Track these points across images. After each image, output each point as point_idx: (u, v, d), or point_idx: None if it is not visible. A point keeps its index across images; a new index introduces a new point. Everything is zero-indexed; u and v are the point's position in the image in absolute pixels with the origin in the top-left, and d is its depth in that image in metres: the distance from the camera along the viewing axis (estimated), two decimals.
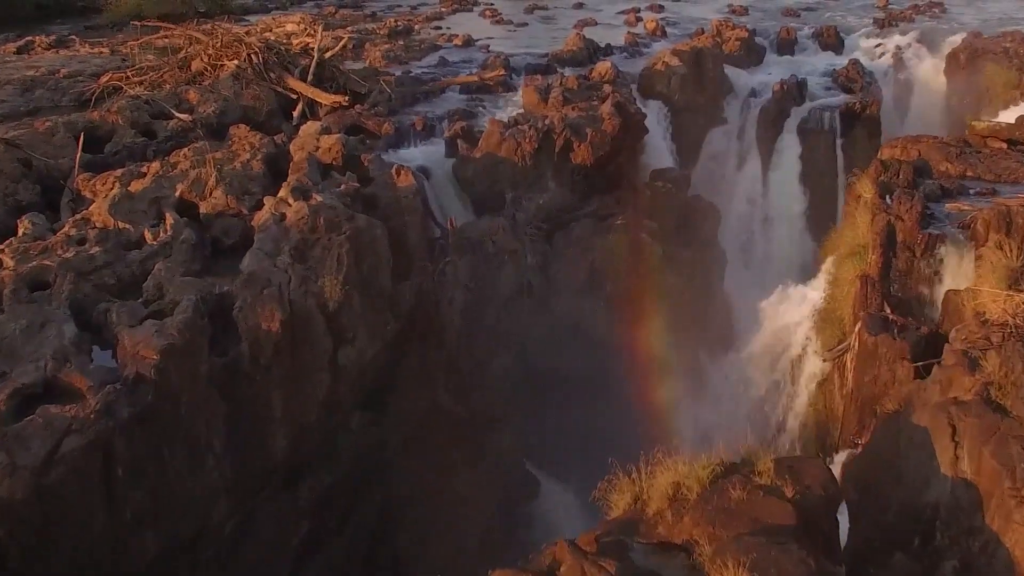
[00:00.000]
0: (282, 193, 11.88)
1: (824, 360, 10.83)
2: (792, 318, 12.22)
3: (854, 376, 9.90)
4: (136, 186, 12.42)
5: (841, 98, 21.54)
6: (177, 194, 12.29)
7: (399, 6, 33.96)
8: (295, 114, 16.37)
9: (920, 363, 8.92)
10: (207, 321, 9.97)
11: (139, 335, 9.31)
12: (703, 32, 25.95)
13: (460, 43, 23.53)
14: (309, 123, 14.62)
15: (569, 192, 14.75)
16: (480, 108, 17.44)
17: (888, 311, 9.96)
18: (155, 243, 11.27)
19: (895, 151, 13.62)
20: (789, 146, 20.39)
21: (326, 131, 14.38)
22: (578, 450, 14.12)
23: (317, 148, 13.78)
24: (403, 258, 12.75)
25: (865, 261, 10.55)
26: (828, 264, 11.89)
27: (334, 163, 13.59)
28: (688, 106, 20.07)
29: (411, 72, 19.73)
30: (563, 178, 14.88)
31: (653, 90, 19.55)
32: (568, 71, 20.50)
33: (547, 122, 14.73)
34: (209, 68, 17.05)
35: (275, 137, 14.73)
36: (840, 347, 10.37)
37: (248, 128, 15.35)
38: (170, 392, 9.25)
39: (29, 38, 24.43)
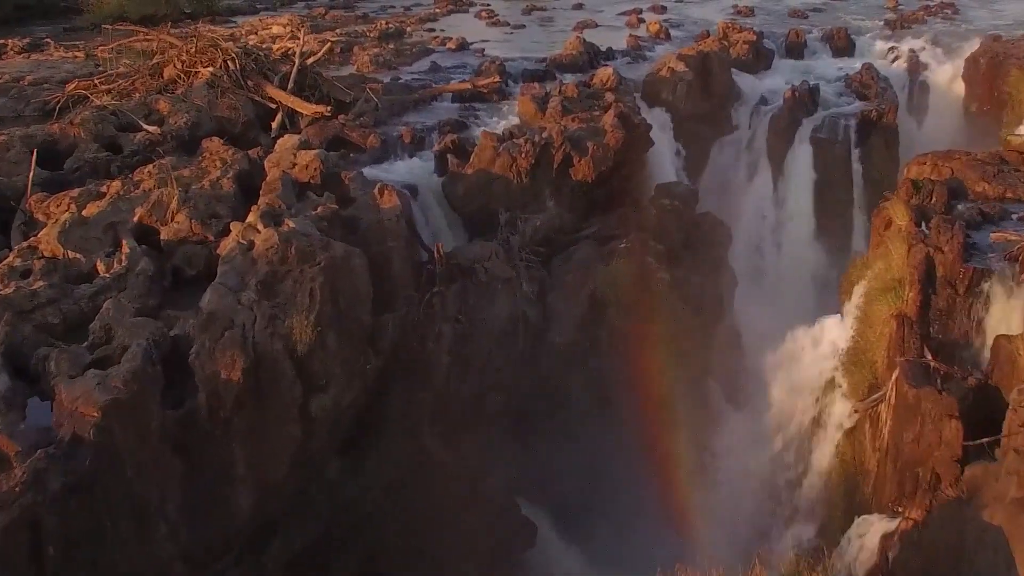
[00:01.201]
0: (250, 218, 10.72)
1: (855, 411, 9.69)
2: (815, 357, 11.07)
3: (891, 432, 8.76)
4: (91, 209, 11.26)
5: (856, 105, 20.40)
6: (135, 218, 11.14)
7: (392, 7, 32.77)
8: (274, 125, 15.20)
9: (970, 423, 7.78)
10: (160, 369, 8.82)
11: (78, 389, 8.15)
12: (708, 35, 24.84)
13: (454, 46, 22.36)
14: (286, 137, 13.46)
15: (568, 211, 13.59)
16: (473, 118, 16.27)
17: (929, 357, 8.81)
18: (108, 275, 10.11)
19: (924, 168, 12.47)
20: (801, 157, 19.25)
21: (304, 145, 13.22)
22: (579, 491, 13.02)
23: (293, 165, 12.62)
24: (386, 288, 11.58)
25: (900, 298, 9.40)
26: (855, 297, 10.73)
27: (311, 181, 12.44)
28: (694, 114, 18.93)
29: (400, 78, 18.57)
30: (562, 196, 13.73)
31: (658, 98, 18.41)
32: (568, 77, 19.34)
33: (545, 135, 13.57)
34: (182, 75, 15.86)
35: (250, 152, 13.59)
36: (874, 397, 9.23)
37: (221, 141, 14.19)
38: (114, 454, 8.10)
39: (2, 41, 23.25)
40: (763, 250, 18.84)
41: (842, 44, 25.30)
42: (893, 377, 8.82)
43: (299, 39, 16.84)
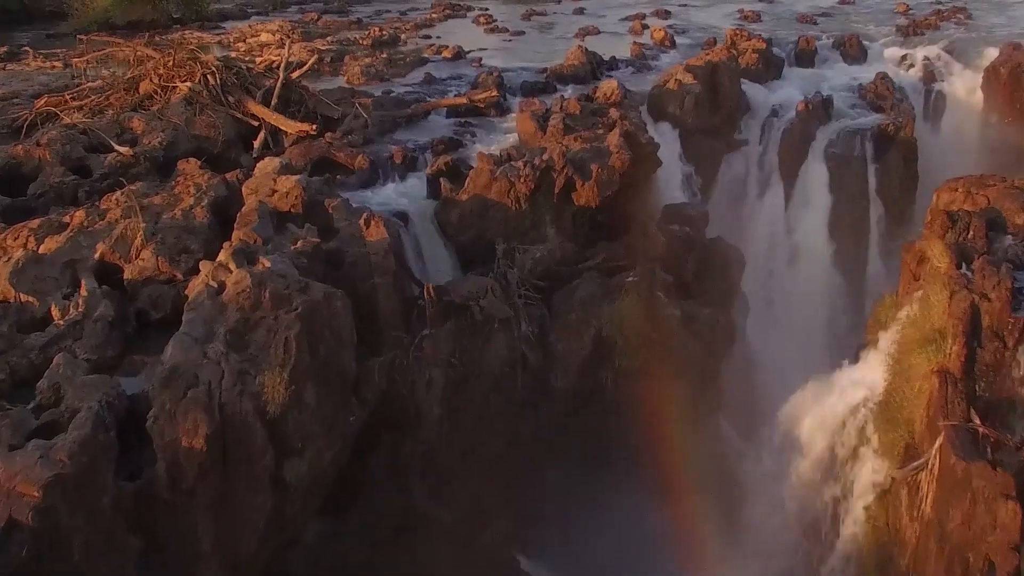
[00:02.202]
0: (221, 256, 9.75)
1: (893, 478, 8.73)
2: (841, 408, 10.10)
3: (934, 507, 7.81)
4: (50, 244, 10.30)
5: (871, 118, 19.40)
6: (97, 255, 10.17)
7: (387, 11, 31.82)
8: (256, 144, 14.23)
9: None
10: (114, 435, 7.86)
11: (18, 463, 7.19)
12: (715, 42, 23.88)
13: (449, 56, 21.37)
14: (266, 160, 12.48)
15: (570, 239, 12.60)
16: (469, 135, 15.30)
17: (977, 421, 7.84)
18: (63, 323, 9.14)
19: (956, 196, 11.47)
20: (815, 173, 18.24)
21: (286, 169, 12.24)
22: (582, 545, 12.05)
23: (273, 192, 11.65)
24: (372, 329, 10.64)
25: (942, 352, 8.44)
26: (886, 342, 9.76)
27: (292, 210, 11.46)
28: (702, 128, 17.94)
29: (393, 92, 17.57)
30: (564, 223, 12.75)
31: (664, 112, 17.42)
32: (569, 89, 18.39)
33: (545, 158, 12.59)
34: (159, 90, 14.88)
35: (228, 175, 12.62)
36: (914, 465, 8.26)
37: (199, 163, 13.24)
38: (58, 537, 7.14)
39: None
40: (775, 272, 17.84)
41: (854, 51, 24.33)
42: (937, 445, 7.86)
43: (284, 51, 15.82)
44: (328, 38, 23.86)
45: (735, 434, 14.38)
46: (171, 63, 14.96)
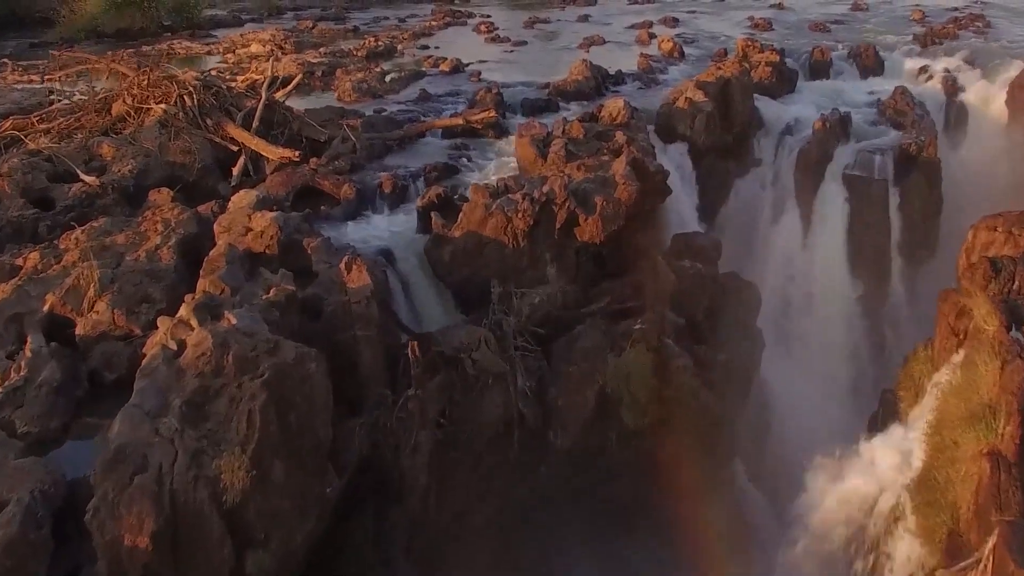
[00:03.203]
0: (182, 312, 8.74)
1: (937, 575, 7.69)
2: (873, 481, 9.06)
3: None
4: None
5: (892, 137, 18.33)
6: (46, 308, 9.18)
7: (386, 18, 30.86)
8: (235, 171, 13.24)
9: None
10: (48, 531, 6.87)
11: None
12: (726, 53, 22.88)
13: (447, 69, 20.37)
14: (241, 193, 11.48)
15: (572, 280, 11.58)
16: (465, 160, 14.30)
17: None
18: (1, 389, 8.16)
19: (996, 236, 10.44)
20: (833, 196, 17.18)
21: (262, 203, 11.24)
22: None
23: (247, 230, 10.65)
24: (352, 386, 9.64)
25: (992, 431, 7.40)
26: (923, 409, 8.72)
27: (267, 251, 10.47)
28: (714, 147, 16.92)
29: (385, 110, 16.58)
30: (565, 260, 11.73)
31: (674, 131, 16.38)
32: (573, 107, 17.41)
33: (545, 190, 11.57)
34: (132, 112, 13.90)
35: (201, 208, 11.65)
36: (962, 566, 7.22)
37: (171, 193, 12.29)
38: None
39: None
40: (791, 302, 16.79)
41: (870, 63, 23.32)
42: (990, 545, 6.83)
43: (268, 70, 14.83)
44: (321, 49, 22.89)
45: (751, 484, 13.40)
46: (145, 82, 13.98)
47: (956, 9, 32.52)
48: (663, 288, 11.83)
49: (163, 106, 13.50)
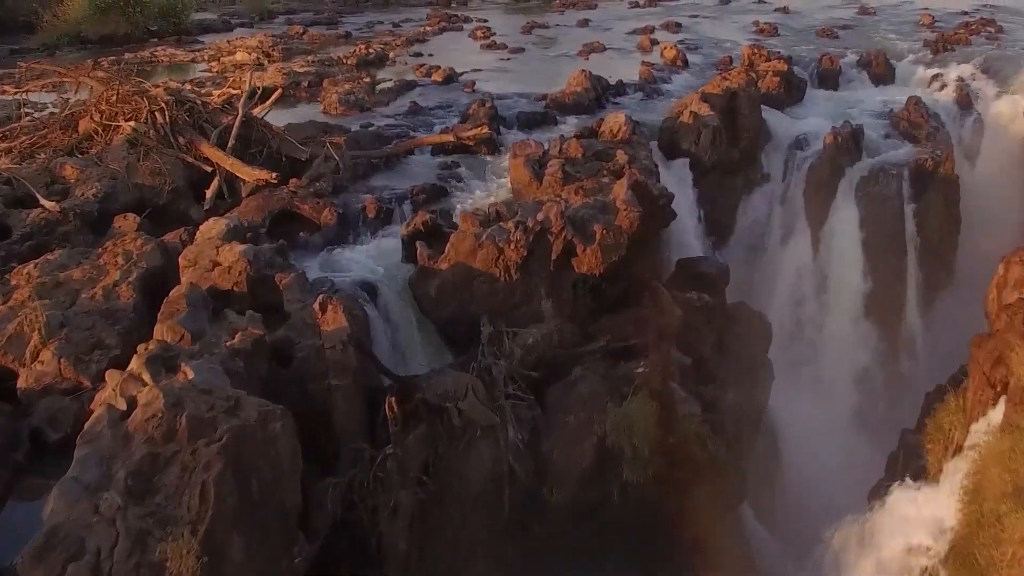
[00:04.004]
0: (134, 364, 7.83)
1: None
2: (901, 545, 8.18)
3: None
4: None
5: (906, 151, 17.46)
6: None
7: (380, 22, 29.97)
8: (208, 194, 12.35)
9: None
10: None
11: None
12: (731, 61, 22.03)
13: (440, 79, 19.47)
14: (210, 222, 10.58)
15: (568, 317, 10.69)
16: (455, 181, 13.42)
17: None
18: None
19: None
20: (846, 215, 16.31)
21: (232, 234, 10.34)
22: None
23: (214, 265, 9.76)
24: (326, 442, 8.76)
25: None
26: (960, 476, 7.83)
27: (235, 288, 9.58)
28: (720, 164, 16.03)
29: (372, 125, 15.68)
30: (561, 294, 10.83)
31: (678, 147, 15.52)
32: (571, 122, 16.51)
33: (540, 218, 10.67)
34: (100, 130, 13.00)
35: (167, 238, 10.77)
36: None
37: (137, 219, 11.41)
38: None
39: None
40: (802, 328, 15.91)
41: (881, 71, 22.47)
42: None
43: (246, 82, 13.93)
44: (309, 56, 21.98)
45: (762, 527, 12.52)
46: (115, 97, 13.07)
47: (966, 13, 31.68)
48: (668, 323, 10.94)
49: (132, 124, 12.59)
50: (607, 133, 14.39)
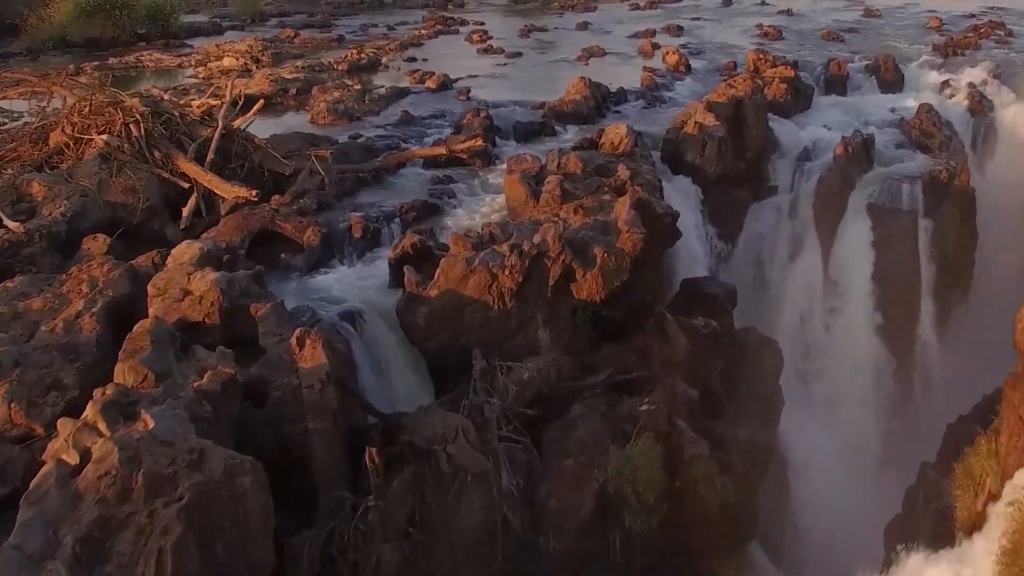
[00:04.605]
0: (89, 413, 7.12)
1: None
2: None
3: None
4: None
5: (920, 162, 16.74)
6: None
7: (374, 25, 29.24)
8: (184, 212, 11.63)
9: None
10: None
11: None
12: (736, 67, 21.30)
13: (434, 86, 18.74)
14: (183, 246, 9.87)
15: (567, 348, 9.99)
16: (447, 197, 12.71)
17: None
18: None
19: None
20: (857, 230, 15.60)
21: (206, 259, 9.63)
22: None
23: (184, 294, 9.04)
24: (304, 489, 8.06)
25: None
26: (997, 534, 7.13)
27: (207, 320, 8.87)
28: (725, 176, 15.31)
29: (361, 136, 14.96)
30: (559, 323, 10.13)
31: (682, 160, 14.81)
32: (570, 131, 15.81)
33: (537, 241, 9.97)
34: (71, 143, 12.28)
35: (138, 261, 10.06)
36: None
37: (107, 241, 10.70)
38: None
39: None
40: (811, 349, 15.20)
41: (890, 76, 21.74)
42: None
43: (226, 94, 13.21)
44: (300, 62, 21.25)
45: (773, 565, 11.84)
46: (87, 109, 12.35)
47: (973, 16, 30.99)
48: (674, 353, 10.24)
49: (104, 137, 11.86)
50: (608, 145, 13.68)
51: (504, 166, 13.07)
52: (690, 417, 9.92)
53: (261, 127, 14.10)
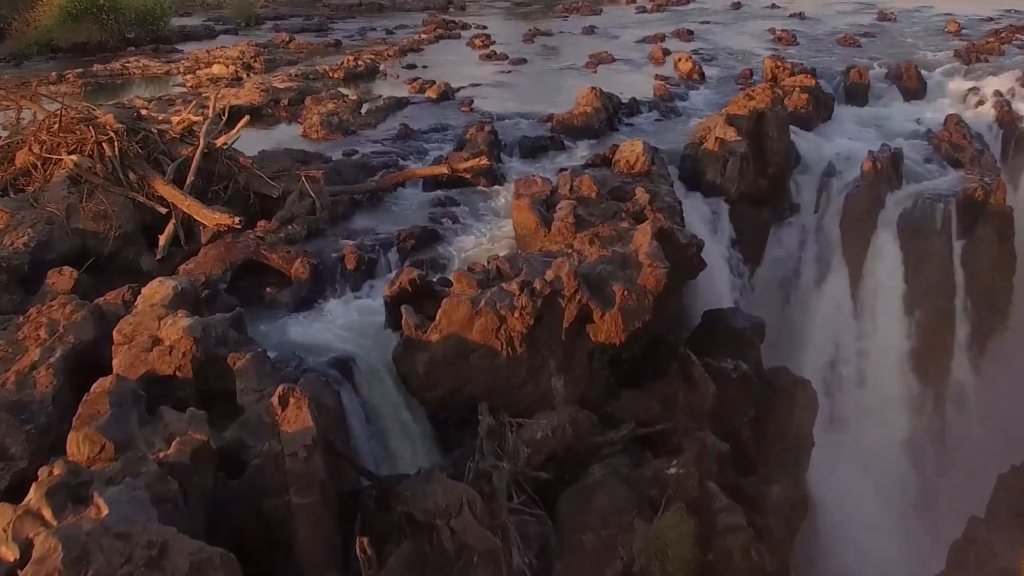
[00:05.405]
0: (32, 498, 6.08)
1: None
2: None
3: None
4: None
5: (951, 178, 15.75)
6: None
7: (372, 29, 28.21)
8: (161, 240, 10.60)
9: None
10: None
11: None
12: (752, 75, 20.29)
13: (434, 96, 17.70)
14: (155, 284, 8.83)
15: (582, 400, 8.96)
16: (449, 222, 11.67)
17: None
18: None
19: None
20: (887, 252, 14.60)
21: (180, 299, 8.61)
22: None
23: (154, 342, 8.01)
24: (287, 574, 7.02)
25: None
26: None
27: (178, 374, 7.83)
28: (746, 194, 14.30)
29: (356, 152, 13.93)
30: (574, 370, 9.10)
31: (702, 179, 13.80)
32: (580, 147, 14.79)
33: (550, 278, 8.95)
34: (39, 163, 11.25)
35: (106, 300, 9.04)
36: None
37: (75, 274, 9.68)
38: None
39: None
40: (837, 379, 14.16)
41: (912, 84, 20.72)
42: None
43: (209, 108, 12.18)
44: (293, 69, 20.20)
45: None
46: (56, 126, 11.32)
47: (991, 19, 30.07)
48: (701, 401, 9.23)
49: (74, 158, 10.83)
50: (623, 163, 12.66)
51: (511, 187, 12.07)
52: (720, 473, 8.89)
53: (249, 142, 13.06)
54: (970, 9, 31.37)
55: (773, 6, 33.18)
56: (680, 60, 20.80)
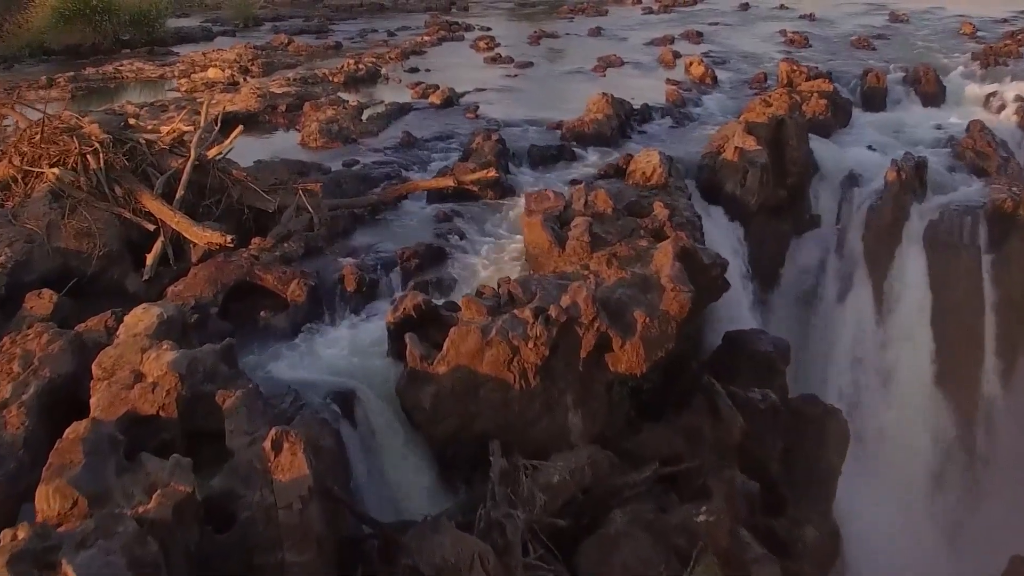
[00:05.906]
0: None
1: None
2: None
3: None
4: None
5: (978, 188, 15.11)
6: None
7: (374, 31, 27.56)
8: (149, 260, 9.93)
9: None
10: None
11: None
12: (766, 79, 19.65)
13: (438, 100, 17.03)
14: (138, 312, 8.16)
15: (601, 433, 8.29)
16: (456, 238, 11.01)
17: None
18: None
19: None
20: (913, 267, 13.95)
21: (165, 328, 7.94)
22: None
23: (136, 378, 7.34)
24: None
25: None
26: None
27: (161, 414, 7.16)
28: (765, 205, 13.65)
29: (357, 162, 13.27)
30: (592, 404, 8.42)
31: (721, 190, 13.14)
32: (591, 155, 14.13)
33: (566, 304, 8.28)
34: (20, 177, 10.59)
35: (87, 327, 8.39)
36: None
37: (54, 297, 9.03)
38: None
39: None
40: (863, 400, 13.51)
41: (931, 89, 20.15)
42: None
43: (201, 116, 11.51)
44: (292, 73, 19.54)
45: None
46: (38, 136, 10.65)
47: (1005, 21, 29.48)
48: (728, 435, 8.57)
49: (56, 171, 10.16)
50: (638, 175, 12.01)
51: (520, 200, 11.43)
52: (749, 515, 8.22)
53: (245, 151, 12.43)
54: (982, 10, 30.79)
55: (782, 7, 32.57)
56: (692, 63, 20.14)
